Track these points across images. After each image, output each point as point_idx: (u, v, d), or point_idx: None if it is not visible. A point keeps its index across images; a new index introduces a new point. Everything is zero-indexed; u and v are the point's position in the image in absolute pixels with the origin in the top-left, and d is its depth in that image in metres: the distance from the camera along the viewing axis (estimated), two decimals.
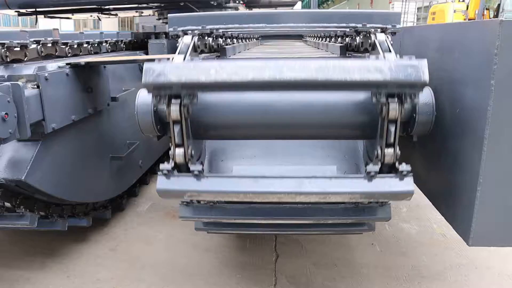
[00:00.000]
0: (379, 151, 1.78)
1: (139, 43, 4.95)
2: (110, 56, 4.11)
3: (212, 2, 4.60)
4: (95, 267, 3.46)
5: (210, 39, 2.49)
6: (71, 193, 3.20)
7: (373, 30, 2.27)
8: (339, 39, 3.02)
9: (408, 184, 1.75)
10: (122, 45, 4.51)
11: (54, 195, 2.95)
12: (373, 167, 1.76)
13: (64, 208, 3.37)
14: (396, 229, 4.07)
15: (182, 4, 4.47)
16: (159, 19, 5.56)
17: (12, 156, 2.71)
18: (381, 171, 1.79)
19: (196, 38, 2.34)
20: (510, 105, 1.63)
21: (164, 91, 1.70)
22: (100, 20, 6.00)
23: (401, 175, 1.75)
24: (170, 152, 1.88)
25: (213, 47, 2.55)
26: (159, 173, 1.84)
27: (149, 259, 3.56)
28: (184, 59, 2.04)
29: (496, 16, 14.25)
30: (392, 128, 1.72)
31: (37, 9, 4.73)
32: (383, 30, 2.30)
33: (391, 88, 1.61)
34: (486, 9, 14.79)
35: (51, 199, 3.08)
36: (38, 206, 3.04)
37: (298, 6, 11.34)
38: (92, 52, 3.82)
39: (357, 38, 2.46)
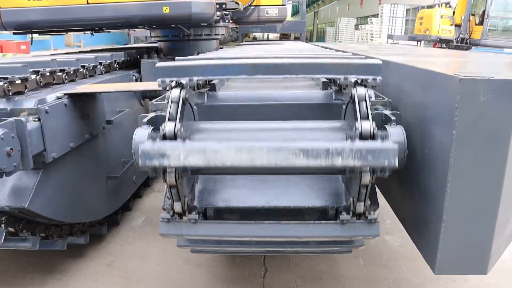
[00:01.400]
0: (357, 124, 1.86)
1: (132, 61, 5.10)
2: (105, 77, 4.25)
3: (203, 24, 4.77)
4: (93, 282, 3.61)
5: None
6: (70, 215, 3.35)
7: None
8: None
9: (388, 143, 1.76)
10: (115, 65, 4.65)
11: (54, 219, 3.11)
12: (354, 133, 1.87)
13: (63, 228, 3.53)
14: (380, 241, 4.27)
15: (173, 26, 4.63)
16: (151, 36, 5.73)
17: (15, 184, 2.85)
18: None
19: None
20: (469, 154, 1.82)
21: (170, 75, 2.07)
22: (93, 34, 6.14)
23: (381, 138, 1.82)
24: (161, 127, 1.95)
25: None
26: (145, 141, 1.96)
27: (145, 274, 3.72)
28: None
29: (481, 22, 14.54)
30: (363, 104, 1.91)
31: (32, 30, 4.88)
32: None
33: (358, 71, 2.01)
34: (472, 14, 15.07)
35: (52, 222, 3.24)
36: (39, 229, 3.19)
37: (288, 17, 11.53)
38: (88, 76, 3.96)
39: None
